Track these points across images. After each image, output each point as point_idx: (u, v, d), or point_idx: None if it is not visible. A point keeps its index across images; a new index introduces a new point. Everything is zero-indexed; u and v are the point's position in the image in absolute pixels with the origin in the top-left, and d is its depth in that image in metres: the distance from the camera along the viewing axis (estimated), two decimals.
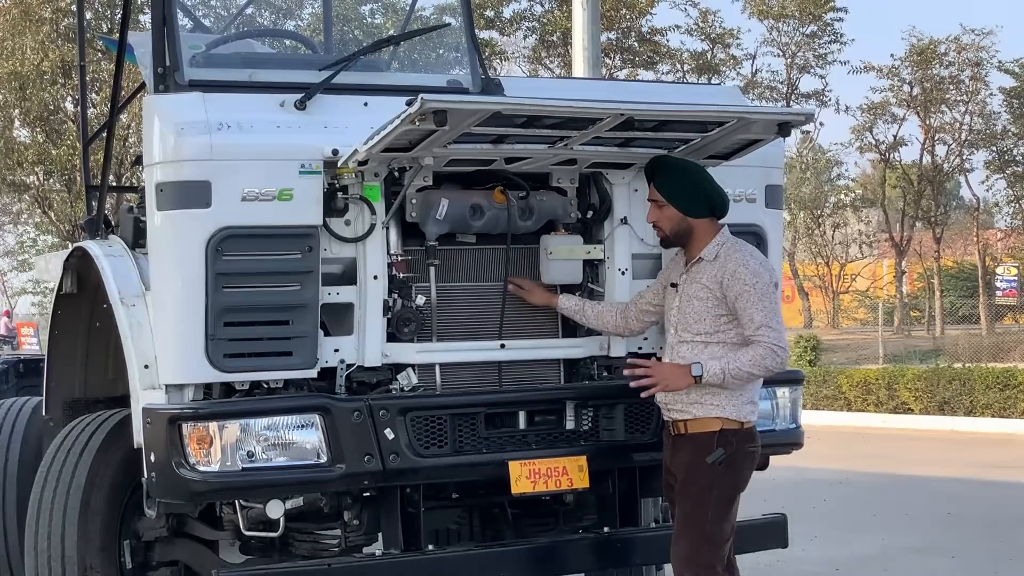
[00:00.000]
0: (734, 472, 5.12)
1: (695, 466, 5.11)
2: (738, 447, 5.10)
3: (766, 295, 5.04)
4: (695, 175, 5.21)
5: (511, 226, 5.45)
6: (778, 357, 5.02)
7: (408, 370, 5.32)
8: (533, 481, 5.33)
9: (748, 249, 5.18)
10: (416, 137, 4.91)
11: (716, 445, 5.07)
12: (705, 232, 5.20)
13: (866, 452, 16.14)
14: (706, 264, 5.16)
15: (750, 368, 5.02)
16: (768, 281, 5.07)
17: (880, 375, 20.67)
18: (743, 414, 5.13)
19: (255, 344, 5.04)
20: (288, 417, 5.03)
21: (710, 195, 5.19)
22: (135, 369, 5.15)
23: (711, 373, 5.03)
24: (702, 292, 5.14)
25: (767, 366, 5.03)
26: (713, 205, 5.19)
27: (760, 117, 5.24)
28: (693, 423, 5.14)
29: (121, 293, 5.31)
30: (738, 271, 5.07)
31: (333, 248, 5.19)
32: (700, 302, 5.14)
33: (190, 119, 4.95)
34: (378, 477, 5.13)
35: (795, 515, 6.55)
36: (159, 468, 4.97)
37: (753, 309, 5.03)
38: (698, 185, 5.19)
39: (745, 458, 5.14)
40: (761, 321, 5.02)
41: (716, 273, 5.11)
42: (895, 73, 35.56)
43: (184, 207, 4.93)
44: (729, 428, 5.10)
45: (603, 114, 4.92)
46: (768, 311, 5.03)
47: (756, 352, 5.01)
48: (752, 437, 5.18)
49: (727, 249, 5.14)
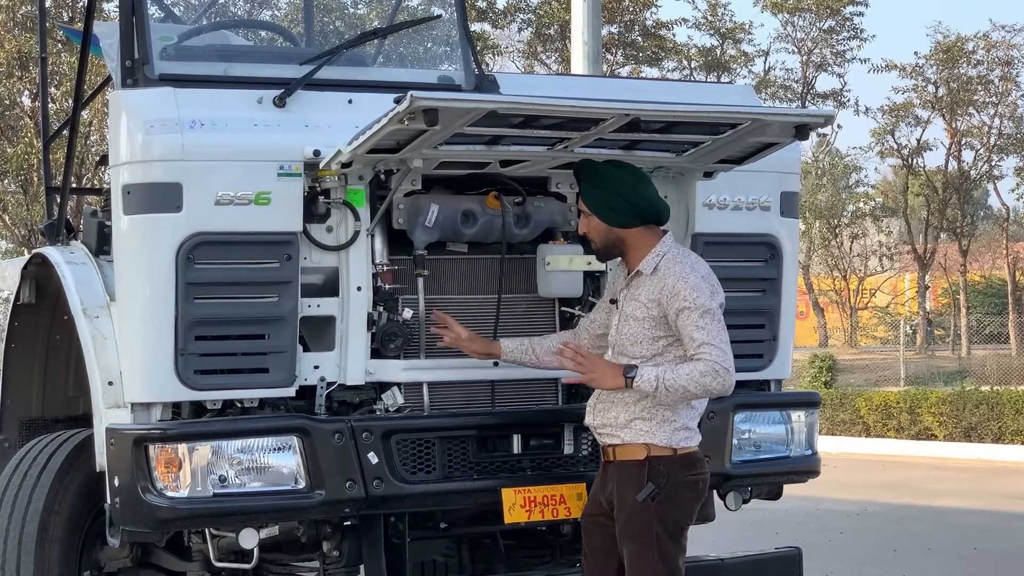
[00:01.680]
0: (673, 504, 5.01)
1: (628, 502, 5.02)
2: (671, 477, 5.00)
3: (708, 312, 4.93)
4: (615, 181, 5.10)
5: (506, 234, 5.46)
6: (720, 378, 4.88)
7: (393, 389, 5.32)
8: (528, 510, 5.33)
9: (690, 260, 5.07)
10: (404, 138, 4.91)
11: (646, 478, 4.98)
12: (641, 242, 5.11)
13: (886, 481, 16.14)
14: (644, 279, 5.07)
15: (687, 383, 4.89)
16: (710, 296, 4.97)
17: (901, 398, 20.67)
18: (675, 440, 5.02)
19: (228, 360, 5.03)
20: (263, 439, 5.03)
21: (634, 202, 5.07)
22: (98, 386, 5.14)
23: (644, 379, 4.91)
24: (639, 311, 5.05)
25: (707, 385, 4.90)
26: (640, 213, 5.08)
27: (776, 119, 5.24)
28: (621, 449, 5.06)
29: (83, 303, 5.31)
30: (677, 287, 4.97)
31: (314, 257, 5.19)
32: (636, 323, 5.05)
33: (160, 116, 4.95)
34: (360, 504, 5.13)
35: (810, 549, 6.54)
36: (123, 493, 4.96)
37: (693, 328, 4.93)
38: (618, 192, 5.07)
39: (684, 487, 5.04)
40: (703, 339, 4.91)
41: (654, 289, 5.02)
42: (919, 72, 35.65)
43: (153, 211, 4.93)
44: (658, 456, 5.01)
45: (607, 114, 4.93)
46: (711, 330, 4.92)
47: (696, 368, 4.89)
48: (691, 464, 5.07)
49: (667, 261, 5.05)
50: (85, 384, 5.27)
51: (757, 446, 5.84)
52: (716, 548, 6.39)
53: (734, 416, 5.72)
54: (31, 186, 25.21)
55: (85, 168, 23.03)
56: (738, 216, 5.78)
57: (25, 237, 26.15)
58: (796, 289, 6.06)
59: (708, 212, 5.71)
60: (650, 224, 5.12)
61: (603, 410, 5.12)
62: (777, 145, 5.40)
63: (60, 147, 13.94)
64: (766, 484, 6.05)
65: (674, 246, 5.12)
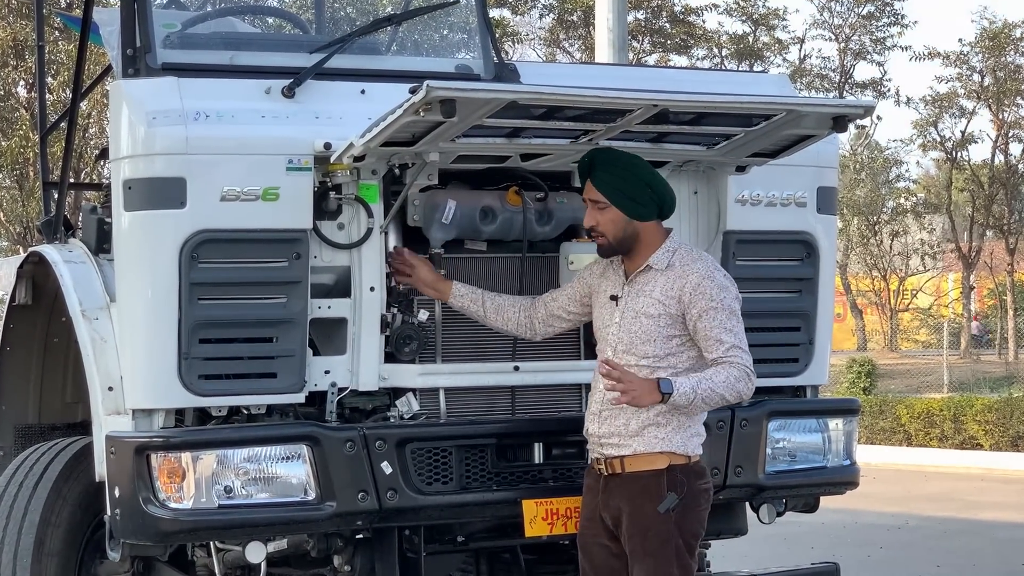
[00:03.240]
0: (692, 515, 5.03)
1: (646, 515, 4.99)
2: (689, 487, 5.01)
3: (735, 314, 4.98)
4: (641, 170, 5.10)
5: (527, 232, 5.46)
6: (751, 382, 4.94)
7: (408, 395, 5.33)
8: (550, 523, 5.33)
9: (708, 258, 5.12)
10: (420, 130, 4.92)
11: (667, 489, 4.98)
12: (653, 237, 5.11)
13: (928, 493, 16.11)
14: (656, 274, 5.07)
15: (724, 391, 4.91)
16: (735, 296, 5.01)
17: (945, 405, 20.62)
18: (691, 447, 5.03)
19: (234, 364, 5.04)
20: (271, 448, 5.04)
21: (660, 194, 5.09)
22: (97, 391, 5.16)
23: (681, 392, 4.88)
24: (653, 308, 5.03)
25: (740, 391, 4.94)
26: (663, 205, 5.11)
27: (813, 110, 5.22)
28: (633, 460, 5.03)
29: (82, 305, 5.32)
30: (703, 284, 4.98)
31: (324, 255, 5.20)
32: (650, 320, 5.03)
33: (163, 107, 4.96)
34: (373, 517, 5.13)
35: (848, 565, 6.54)
36: (124, 505, 4.97)
37: (720, 329, 4.94)
38: (645, 182, 5.08)
39: (699, 496, 5.06)
40: (732, 342, 4.94)
41: (671, 285, 5.01)
42: (964, 60, 35.57)
43: (155, 207, 4.94)
44: (677, 464, 5.01)
45: (634, 105, 4.92)
46: (739, 332, 4.97)
47: (731, 374, 4.92)
48: (702, 473, 5.10)
49: (682, 257, 5.05)
50: (84, 389, 5.29)
51: (792, 456, 5.83)
52: (748, 563, 6.40)
53: (768, 424, 5.71)
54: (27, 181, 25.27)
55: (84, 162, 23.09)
56: (772, 213, 5.77)
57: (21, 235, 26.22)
58: (833, 290, 6.05)
59: (740, 208, 5.70)
60: (660, 220, 5.14)
61: (609, 417, 5.07)
62: (813, 138, 5.38)
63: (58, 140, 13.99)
64: (801, 496, 6.04)
65: (684, 242, 5.17)
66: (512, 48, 30.77)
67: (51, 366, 6.39)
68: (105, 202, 5.76)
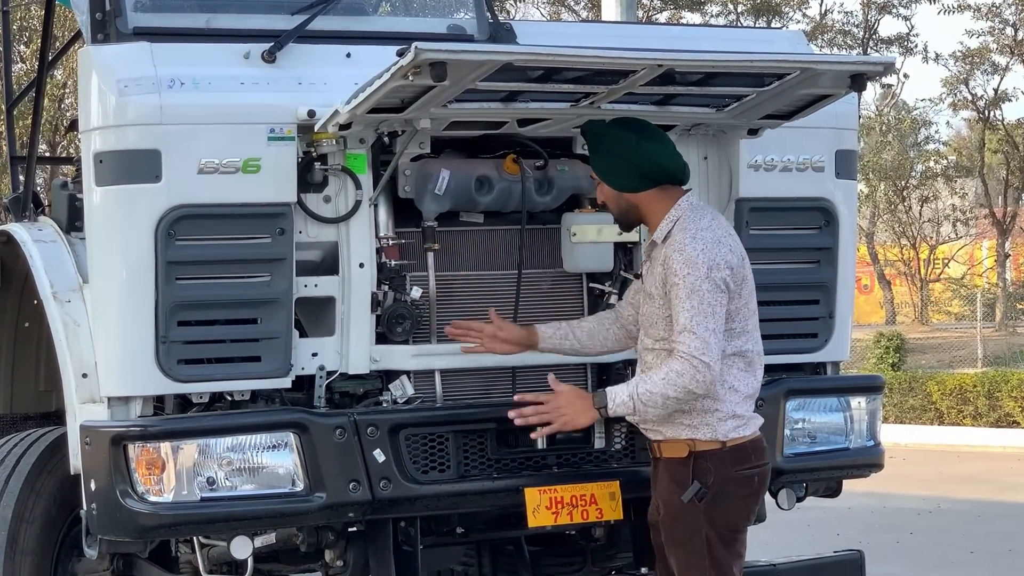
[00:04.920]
0: (724, 504, 5.03)
1: (674, 504, 5.05)
2: (719, 473, 5.00)
3: (696, 292, 4.89)
4: (612, 141, 5.10)
5: (526, 202, 5.46)
6: (699, 374, 4.84)
7: (402, 378, 5.34)
8: (555, 512, 5.34)
9: (697, 227, 5.00)
10: (410, 95, 4.91)
11: (691, 477, 5.00)
12: (657, 207, 5.10)
13: (962, 475, 16.12)
14: (659, 249, 5.07)
15: (663, 389, 4.88)
16: (703, 274, 4.89)
17: (978, 381, 20.62)
18: (722, 432, 5.01)
19: (216, 348, 5.05)
20: (256, 436, 5.05)
21: (636, 163, 5.07)
22: (71, 379, 5.16)
23: (617, 402, 4.95)
24: (654, 287, 5.05)
25: (685, 386, 4.86)
26: (646, 175, 5.08)
27: (829, 68, 5.21)
28: (665, 446, 5.08)
29: (54, 287, 5.33)
30: (671, 258, 4.95)
31: (310, 230, 5.21)
32: (651, 300, 5.06)
33: (135, 75, 4.95)
34: (366, 508, 5.14)
35: (875, 552, 6.55)
36: (101, 498, 4.98)
37: (679, 308, 4.90)
38: (616, 154, 5.09)
39: (736, 484, 5.04)
40: (684, 324, 4.88)
41: (662, 261, 5.03)
42: (996, 13, 35.46)
43: (128, 181, 4.94)
44: (704, 451, 5.01)
45: (637, 65, 4.91)
46: (695, 313, 4.87)
47: (671, 367, 4.88)
48: (743, 457, 5.05)
49: (679, 227, 5.02)
50: (57, 377, 5.30)
51: (812, 437, 5.84)
52: (769, 551, 6.40)
53: (786, 404, 5.71)
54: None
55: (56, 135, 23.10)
56: (788, 178, 5.77)
57: None
58: (854, 259, 6.05)
59: (754, 174, 5.70)
60: (664, 185, 5.12)
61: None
62: (831, 97, 5.38)
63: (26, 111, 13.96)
64: (823, 480, 6.04)
65: (690, 209, 5.08)
66: (514, 6, 30.71)
67: (22, 352, 6.40)
68: (76, 177, 5.76)
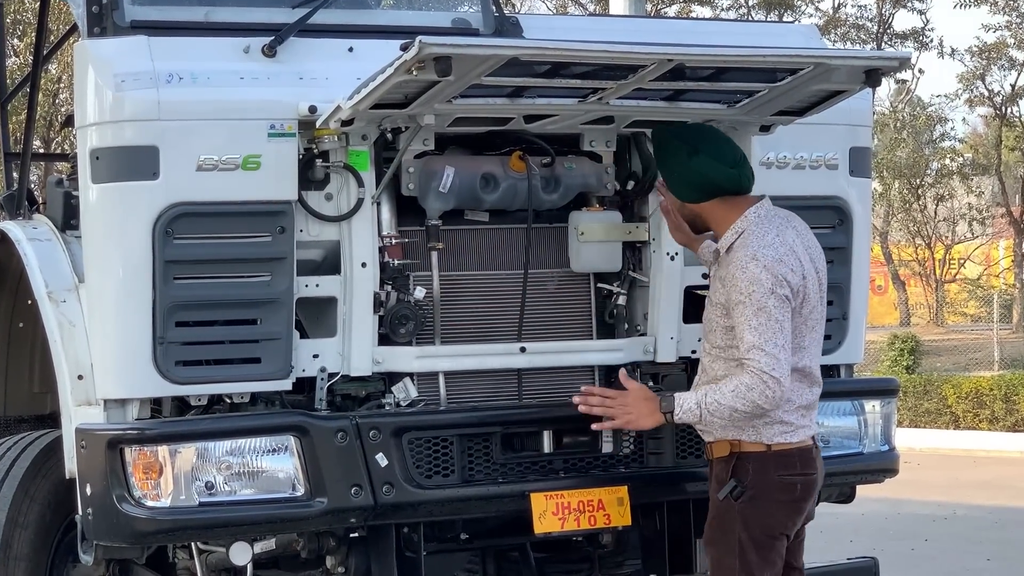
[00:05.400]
0: (762, 508, 5.06)
1: (714, 503, 5.13)
2: (759, 475, 5.04)
3: (763, 310, 4.94)
4: (667, 153, 5.17)
5: (533, 200, 5.45)
6: (769, 389, 4.91)
7: (405, 380, 5.34)
8: (561, 518, 5.34)
9: (760, 243, 5.03)
10: (413, 90, 4.91)
11: (729, 475, 5.06)
12: (720, 217, 5.15)
13: (977, 480, 16.11)
14: (724, 258, 5.13)
15: (732, 401, 4.94)
16: (768, 290, 4.94)
17: (995, 384, 20.62)
18: (767, 436, 5.05)
19: (214, 349, 5.05)
20: (256, 439, 5.05)
21: (687, 178, 5.13)
22: (66, 380, 5.17)
23: (684, 409, 5.02)
24: (715, 295, 5.12)
25: (754, 400, 4.93)
26: (701, 189, 5.13)
27: (843, 63, 5.21)
28: (714, 446, 5.15)
29: (48, 286, 5.33)
30: (735, 275, 5.00)
31: (311, 229, 5.21)
32: (712, 308, 5.13)
33: (132, 69, 4.96)
34: (368, 513, 5.14)
35: (889, 559, 6.55)
36: (96, 503, 4.98)
37: (745, 325, 4.95)
38: (669, 167, 5.17)
39: (777, 489, 5.07)
40: (752, 342, 4.93)
41: (724, 272, 5.07)
42: (1013, 7, 35.43)
43: (125, 179, 4.94)
44: (747, 452, 5.05)
45: (646, 60, 4.91)
46: (763, 330, 4.93)
47: (741, 381, 4.94)
48: (788, 463, 5.09)
49: (742, 241, 5.07)
50: (52, 379, 5.30)
51: (825, 441, 5.82)
52: None
53: None
54: None
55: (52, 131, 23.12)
56: (800, 176, 5.78)
57: None
58: (869, 259, 6.06)
59: (766, 172, 5.69)
60: (726, 197, 5.13)
61: None
62: (844, 93, 5.38)
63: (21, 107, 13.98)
64: (835, 485, 6.04)
65: (756, 221, 5.09)
66: (519, 1, 30.72)
67: (16, 353, 6.39)
68: (72, 174, 5.76)
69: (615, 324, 5.71)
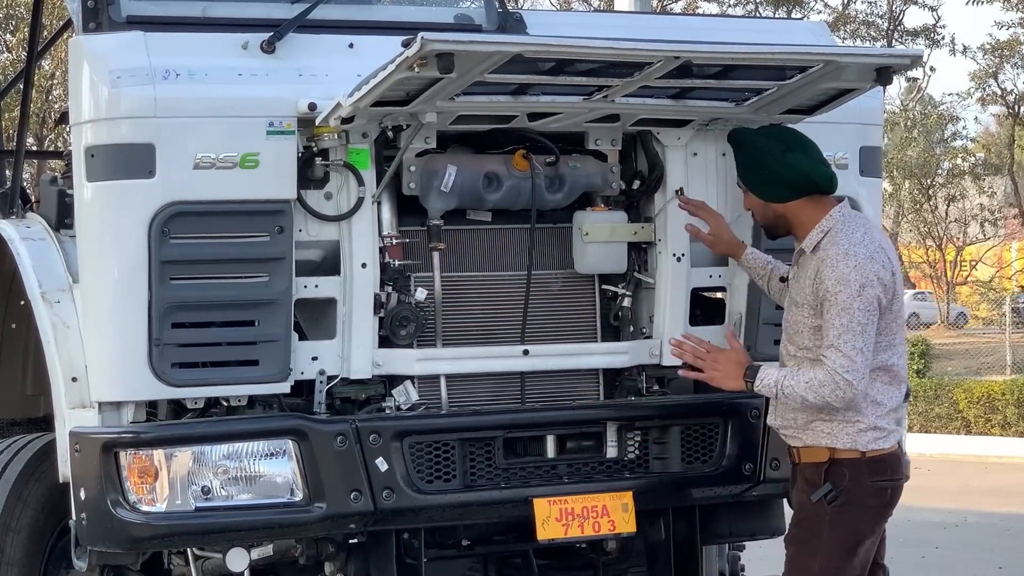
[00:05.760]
0: (855, 512, 5.12)
1: (803, 504, 5.18)
2: (855, 481, 5.10)
3: (846, 310, 4.99)
4: (757, 151, 5.19)
5: (536, 200, 5.46)
6: (840, 390, 4.97)
7: (406, 383, 5.35)
8: (565, 524, 5.34)
9: (849, 243, 5.08)
10: (415, 88, 4.91)
11: (824, 479, 5.11)
12: (806, 217, 5.18)
13: (989, 486, 16.11)
14: (808, 259, 5.16)
15: (804, 391, 5.02)
16: (855, 292, 4.98)
17: (1007, 389, 20.61)
18: (862, 442, 5.11)
19: (211, 351, 5.05)
20: (254, 443, 5.05)
21: (781, 174, 5.14)
22: (60, 383, 5.15)
23: (764, 383, 5.11)
24: (801, 296, 5.15)
25: (824, 396, 4.99)
26: (792, 186, 5.15)
27: (853, 60, 5.23)
28: (804, 451, 5.19)
29: (42, 286, 5.32)
30: (824, 273, 5.04)
31: (310, 229, 5.21)
32: (798, 309, 5.16)
33: (128, 65, 4.96)
34: (368, 519, 5.14)
35: (899, 567, 6.53)
36: (91, 508, 4.98)
37: (828, 324, 5.01)
38: (763, 164, 5.18)
39: (870, 495, 5.14)
40: (831, 341, 4.99)
41: (813, 272, 5.10)
42: None
43: (121, 177, 4.95)
44: (843, 458, 5.11)
45: (653, 57, 4.91)
46: (844, 330, 4.97)
47: (816, 375, 5.01)
48: (881, 468, 5.16)
49: (829, 240, 5.11)
50: (45, 381, 5.29)
51: None
52: None
53: None
54: None
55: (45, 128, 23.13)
56: None
57: None
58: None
59: None
60: (814, 196, 5.16)
61: (783, 410, 5.23)
62: (855, 92, 5.40)
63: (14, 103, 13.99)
64: None
65: (842, 220, 5.14)
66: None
67: (9, 355, 6.39)
68: (66, 172, 5.75)
69: (620, 326, 5.71)
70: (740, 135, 5.29)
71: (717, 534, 5.87)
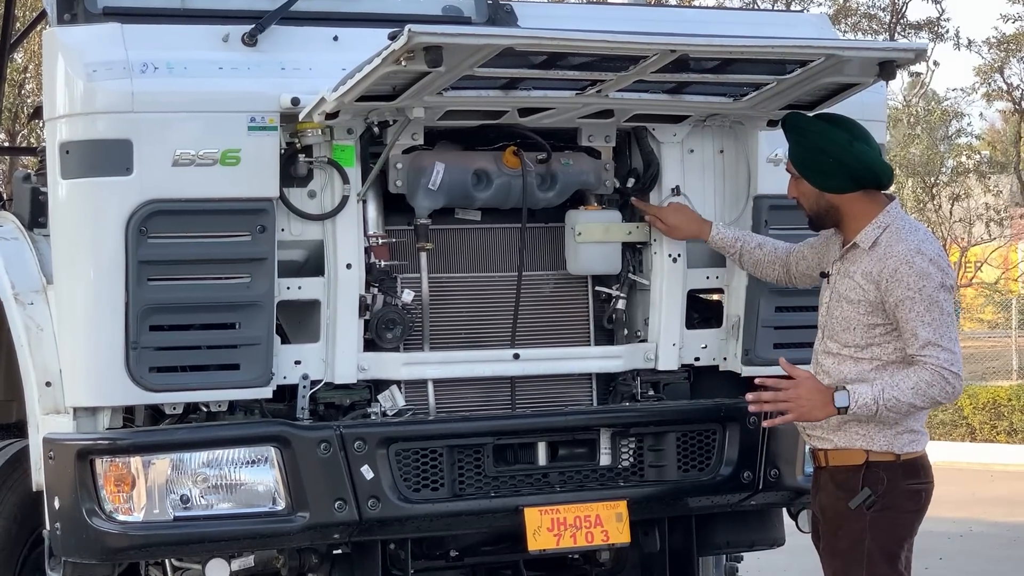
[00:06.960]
0: (892, 517, 5.11)
1: (839, 512, 5.14)
2: (891, 485, 5.10)
3: (935, 304, 5.00)
4: (822, 138, 5.16)
5: (527, 199, 5.46)
6: (949, 385, 5.00)
7: (392, 388, 5.35)
8: (557, 534, 5.34)
9: (918, 236, 5.09)
10: (402, 82, 4.92)
11: (861, 484, 5.09)
12: (860, 210, 5.16)
13: (995, 495, 16.13)
14: (861, 254, 5.13)
15: (912, 399, 5.00)
16: (938, 284, 5.02)
17: (1014, 394, 20.62)
18: (898, 445, 5.11)
19: (190, 354, 5.05)
20: (234, 450, 5.06)
21: (846, 164, 5.12)
22: (33, 387, 5.16)
23: (860, 404, 5.01)
24: (854, 292, 5.12)
25: (934, 396, 5.00)
26: (855, 177, 5.13)
27: (856, 54, 5.23)
28: (835, 454, 5.16)
29: (15, 288, 5.32)
30: (900, 270, 5.03)
31: (293, 228, 5.21)
32: (851, 306, 5.12)
33: (105, 58, 4.96)
34: (353, 529, 5.15)
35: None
36: (65, 517, 4.98)
37: (917, 322, 4.99)
38: (827, 153, 5.13)
39: (905, 498, 5.13)
40: (928, 338, 4.99)
41: (873, 268, 5.08)
42: None
43: (97, 174, 4.95)
44: (879, 461, 5.10)
45: (648, 50, 4.92)
46: (938, 325, 4.99)
47: (921, 378, 4.99)
48: (915, 471, 5.16)
49: (890, 236, 5.10)
50: (18, 385, 5.29)
51: None
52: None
53: None
54: None
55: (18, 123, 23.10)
56: None
57: None
58: None
59: (773, 169, 5.71)
60: (869, 189, 5.15)
61: None
62: (857, 87, 5.41)
63: None
64: None
65: (900, 216, 5.15)
66: None
67: None
68: (40, 169, 5.75)
69: (614, 329, 5.72)
70: (802, 120, 5.24)
71: (714, 544, 5.87)
